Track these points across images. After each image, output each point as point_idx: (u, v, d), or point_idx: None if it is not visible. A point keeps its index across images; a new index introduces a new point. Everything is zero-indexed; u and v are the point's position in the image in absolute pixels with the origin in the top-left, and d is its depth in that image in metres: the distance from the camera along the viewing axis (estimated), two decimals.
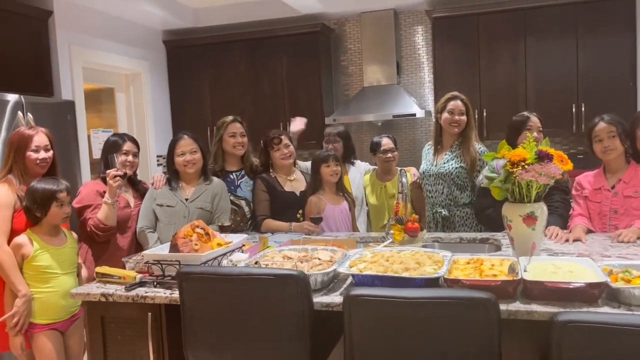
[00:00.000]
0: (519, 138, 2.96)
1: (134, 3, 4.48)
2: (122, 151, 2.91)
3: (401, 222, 2.44)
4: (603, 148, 2.73)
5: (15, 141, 2.57)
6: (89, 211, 2.79)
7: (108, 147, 2.95)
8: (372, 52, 5.11)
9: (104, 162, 2.91)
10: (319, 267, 2.06)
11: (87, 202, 2.81)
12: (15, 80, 3.71)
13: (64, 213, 2.46)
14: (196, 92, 5.43)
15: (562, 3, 4.36)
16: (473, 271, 1.93)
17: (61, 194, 2.43)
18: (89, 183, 2.98)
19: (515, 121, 3.06)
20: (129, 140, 2.98)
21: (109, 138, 3.03)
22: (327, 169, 3.20)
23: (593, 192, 2.81)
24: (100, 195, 2.79)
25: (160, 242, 2.90)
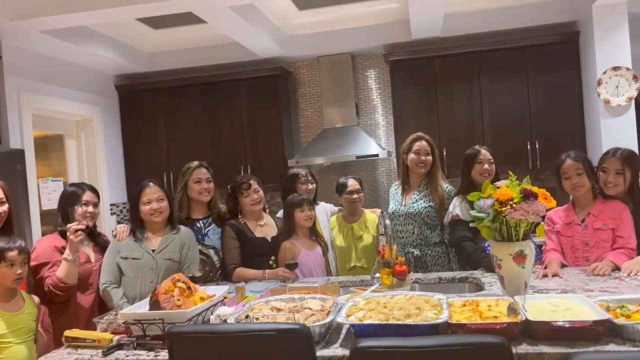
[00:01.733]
0: (472, 171, 3.10)
1: (85, 47, 4.34)
2: (82, 202, 2.73)
3: (389, 266, 2.39)
4: (572, 185, 2.82)
5: None
6: (46, 269, 2.59)
7: (66, 198, 2.78)
8: (331, 95, 5.16)
9: (61, 215, 2.73)
10: (313, 318, 1.97)
11: (44, 259, 2.61)
12: None
13: (14, 274, 2.21)
14: (151, 137, 5.27)
15: (512, 47, 4.59)
16: (472, 314, 1.90)
17: (11, 252, 2.20)
18: (44, 238, 2.76)
19: (467, 155, 3.19)
20: (88, 190, 2.81)
21: (67, 188, 2.87)
22: (302, 214, 3.14)
23: (565, 227, 2.88)
24: (59, 251, 2.61)
25: (126, 298, 2.72)
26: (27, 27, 3.61)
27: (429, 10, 3.93)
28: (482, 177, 3.06)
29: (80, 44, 4.26)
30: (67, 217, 2.63)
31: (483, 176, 3.06)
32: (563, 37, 4.56)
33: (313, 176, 3.71)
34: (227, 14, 3.65)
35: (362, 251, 3.41)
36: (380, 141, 5.25)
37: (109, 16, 3.61)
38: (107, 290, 2.72)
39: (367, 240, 3.43)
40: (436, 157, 3.30)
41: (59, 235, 2.70)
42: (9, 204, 2.45)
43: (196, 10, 3.54)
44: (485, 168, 3.07)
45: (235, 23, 3.91)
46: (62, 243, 2.62)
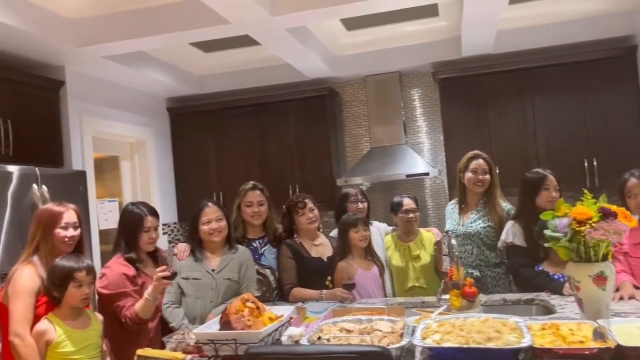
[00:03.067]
0: (538, 197, 2.93)
1: (141, 71, 4.47)
2: (145, 229, 2.69)
3: (458, 287, 2.33)
4: (637, 204, 2.72)
5: (45, 218, 2.42)
6: (120, 300, 2.56)
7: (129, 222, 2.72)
8: (377, 114, 5.16)
9: (125, 240, 2.71)
10: (386, 340, 1.93)
11: (115, 289, 2.57)
12: (28, 151, 3.61)
13: (82, 294, 2.26)
14: (201, 158, 5.36)
15: (565, 62, 4.49)
16: (555, 338, 1.82)
17: (79, 273, 2.25)
18: (112, 264, 2.67)
19: (531, 179, 3.01)
20: (149, 215, 2.74)
21: (128, 210, 2.77)
22: (357, 234, 3.11)
23: (632, 247, 2.77)
24: (129, 281, 2.59)
25: (187, 318, 2.74)
26: (90, 53, 3.75)
27: (482, 28, 3.91)
28: (549, 204, 2.87)
29: (137, 68, 4.39)
30: (132, 243, 2.67)
31: (550, 203, 2.86)
32: (619, 52, 4.43)
33: (364, 195, 3.69)
34: (283, 35, 3.70)
35: (420, 270, 3.35)
36: (429, 160, 5.19)
37: (168, 41, 3.71)
38: (169, 311, 2.74)
39: (425, 259, 3.37)
40: (494, 175, 3.23)
41: (125, 261, 2.66)
42: (80, 228, 2.51)
43: (253, 33, 3.61)
44: (553, 195, 2.91)
45: (289, 45, 3.97)
46: (132, 271, 2.62)
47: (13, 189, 3.28)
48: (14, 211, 3.26)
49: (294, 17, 3.34)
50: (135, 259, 2.66)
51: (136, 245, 2.69)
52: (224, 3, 2.97)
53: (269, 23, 3.37)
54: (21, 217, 3.24)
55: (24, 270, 2.33)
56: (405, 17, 4.58)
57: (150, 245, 2.74)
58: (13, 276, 2.33)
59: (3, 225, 3.20)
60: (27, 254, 2.40)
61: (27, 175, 3.37)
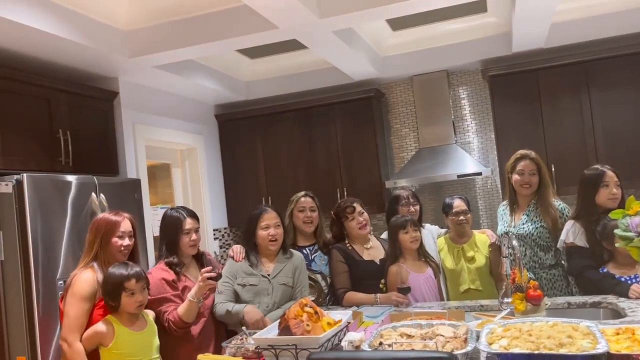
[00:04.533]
0: (597, 195, 2.81)
1: (190, 79, 4.55)
2: (184, 231, 2.68)
3: (521, 290, 2.25)
4: None
5: (102, 226, 2.46)
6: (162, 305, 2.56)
7: (169, 225, 2.72)
8: (425, 114, 5.07)
9: (166, 244, 2.70)
10: (449, 346, 1.88)
11: (155, 294, 2.54)
12: (85, 160, 3.72)
13: (136, 302, 2.29)
14: (249, 163, 5.41)
15: (624, 54, 4.29)
16: (631, 343, 1.73)
17: (129, 282, 2.26)
18: (153, 271, 2.66)
19: (589, 176, 2.89)
20: (188, 217, 2.73)
21: (168, 214, 2.77)
22: (406, 236, 3.05)
23: None
24: (169, 285, 2.59)
25: None
26: (142, 64, 3.84)
27: (535, 22, 3.77)
28: (609, 202, 2.78)
29: (186, 76, 4.47)
30: (173, 247, 2.66)
31: (612, 201, 2.78)
32: None
33: (417, 197, 3.60)
34: (330, 38, 3.69)
35: (476, 273, 3.26)
36: (480, 159, 5.06)
37: (217, 48, 3.76)
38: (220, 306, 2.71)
39: (480, 261, 3.28)
40: (544, 174, 3.10)
41: (165, 265, 2.66)
42: (135, 238, 2.54)
43: (301, 37, 3.61)
44: (613, 192, 2.78)
45: (336, 47, 3.95)
46: (172, 276, 2.62)
47: (72, 198, 3.38)
48: (73, 220, 3.36)
49: (341, 19, 3.31)
50: (175, 263, 2.65)
51: (177, 248, 2.68)
52: (273, 8, 2.98)
53: (317, 26, 3.36)
54: (81, 225, 3.34)
55: (82, 275, 2.38)
56: (452, 15, 4.49)
57: (192, 248, 2.72)
58: (72, 281, 2.38)
59: (64, 233, 3.30)
60: (85, 261, 2.44)
61: (86, 184, 3.47)
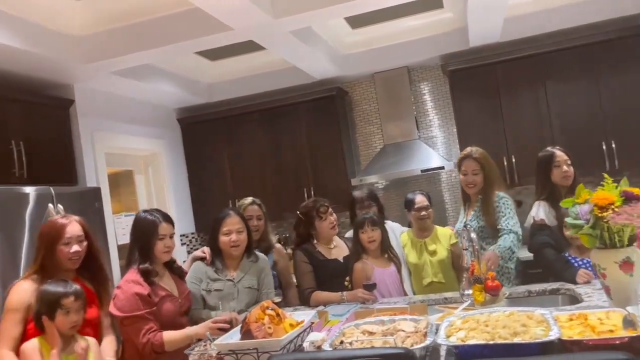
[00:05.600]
0: (552, 175, 2.97)
1: (150, 84, 4.49)
2: (159, 236, 2.50)
3: (480, 282, 2.29)
4: None
5: (46, 233, 2.31)
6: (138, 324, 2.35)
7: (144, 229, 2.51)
8: (388, 110, 5.11)
9: (139, 249, 2.51)
10: (409, 341, 1.89)
11: (129, 311, 2.35)
12: (42, 171, 3.63)
13: (70, 322, 2.15)
14: (215, 167, 5.36)
15: (577, 45, 4.39)
16: (583, 328, 1.77)
17: (66, 299, 2.14)
18: (124, 284, 2.43)
19: (541, 157, 3.05)
20: (164, 221, 2.54)
21: (141, 217, 2.56)
22: (364, 235, 3.08)
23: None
24: (143, 301, 2.38)
25: None
26: (98, 70, 3.77)
27: (488, 16, 3.84)
28: (564, 180, 2.93)
29: (145, 81, 4.41)
30: (147, 252, 2.48)
31: (565, 179, 2.93)
32: (630, 31, 4.32)
33: (373, 198, 3.65)
34: (287, 38, 3.68)
35: (438, 266, 3.31)
36: (443, 154, 5.13)
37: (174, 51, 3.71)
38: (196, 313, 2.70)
39: (442, 254, 3.32)
40: (489, 172, 3.08)
41: (138, 273, 2.45)
42: (89, 240, 2.39)
43: (257, 37, 3.60)
44: (565, 170, 2.94)
45: (294, 47, 3.95)
46: (145, 289, 2.40)
47: (30, 210, 3.30)
48: (32, 232, 3.27)
49: (297, 19, 3.31)
50: (150, 270, 2.46)
51: (151, 255, 2.50)
52: (226, 10, 2.95)
53: (272, 27, 3.35)
54: None
55: (17, 286, 2.26)
56: (410, 11, 4.53)
57: (166, 255, 2.55)
58: (7, 292, 2.27)
59: (23, 246, 3.22)
60: (29, 272, 2.32)
61: (43, 195, 3.39)
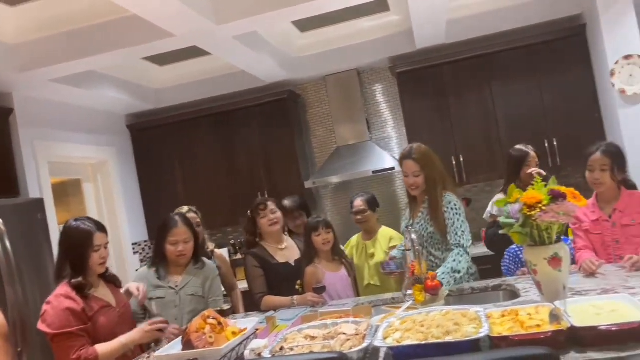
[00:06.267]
0: (521, 173, 3.12)
1: (95, 91, 4.39)
2: (95, 247, 2.33)
3: (420, 282, 2.33)
4: (593, 179, 2.74)
5: None
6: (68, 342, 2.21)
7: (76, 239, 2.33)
8: (340, 112, 5.14)
9: (72, 261, 2.33)
10: (349, 344, 1.91)
11: (59, 328, 2.21)
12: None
13: None
14: (167, 173, 5.29)
15: (519, 46, 4.53)
16: (513, 324, 1.83)
17: None
18: (54, 299, 2.27)
19: (515, 156, 3.21)
20: (98, 231, 2.37)
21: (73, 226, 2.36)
22: (318, 238, 3.11)
23: (592, 224, 2.79)
24: (76, 317, 2.23)
25: None
26: (36, 78, 3.66)
27: (430, 18, 3.91)
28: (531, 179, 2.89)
29: (90, 88, 4.31)
30: (81, 265, 2.32)
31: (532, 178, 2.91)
32: (570, 32, 4.49)
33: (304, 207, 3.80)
34: (232, 43, 3.66)
35: (374, 268, 3.37)
36: (395, 154, 5.20)
37: (115, 58, 3.65)
38: None
39: (379, 256, 3.37)
40: (430, 172, 2.81)
41: (70, 288, 2.29)
42: None
43: (201, 44, 3.56)
44: (536, 171, 3.02)
45: (240, 52, 3.93)
46: (79, 304, 2.26)
47: None
48: None
49: (240, 25, 3.29)
50: (85, 284, 2.30)
51: (85, 267, 2.32)
52: (165, 17, 2.92)
53: (215, 32, 3.33)
54: None
55: None
56: (357, 14, 4.58)
57: (102, 267, 2.40)
58: None
59: None
60: None
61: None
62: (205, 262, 2.96)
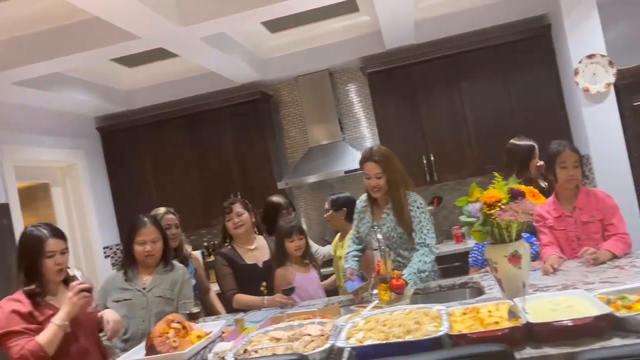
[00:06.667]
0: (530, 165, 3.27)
1: (61, 93, 4.32)
2: (47, 253, 2.26)
3: (385, 281, 2.35)
4: (568, 176, 2.77)
5: None
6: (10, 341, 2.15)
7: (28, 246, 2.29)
8: (313, 113, 5.15)
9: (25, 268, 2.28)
10: (313, 345, 1.93)
11: (4, 327, 2.17)
12: None
13: None
14: (138, 175, 5.23)
15: (486, 46, 4.59)
16: (473, 322, 1.86)
17: None
18: (3, 303, 2.25)
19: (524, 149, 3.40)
20: (51, 237, 2.29)
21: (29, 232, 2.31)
22: (292, 244, 3.14)
23: (556, 221, 2.86)
24: (21, 317, 2.19)
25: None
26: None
27: (397, 19, 3.94)
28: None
29: (56, 91, 4.23)
30: (33, 273, 2.26)
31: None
32: (535, 32, 4.56)
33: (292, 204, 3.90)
34: (199, 45, 3.64)
35: (341, 269, 3.36)
36: None
37: (80, 60, 3.58)
38: None
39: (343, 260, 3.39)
40: (392, 174, 2.78)
41: (23, 295, 2.25)
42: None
43: (167, 45, 3.53)
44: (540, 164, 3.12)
45: (208, 53, 3.91)
46: (26, 307, 2.22)
47: None
48: None
49: (206, 26, 3.27)
50: (38, 292, 2.25)
51: (38, 274, 2.26)
52: (127, 18, 2.88)
53: (181, 34, 3.30)
54: None
55: None
56: (327, 15, 4.59)
57: (58, 274, 2.31)
58: None
59: None
60: None
61: None
62: (175, 265, 2.95)
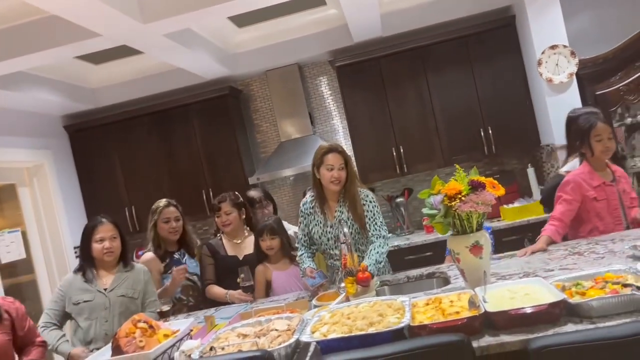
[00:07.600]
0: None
1: (25, 93, 4.22)
2: None
3: (351, 274, 2.38)
4: (604, 148, 2.82)
5: None
6: None
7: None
8: (283, 107, 5.14)
9: None
10: (279, 340, 1.95)
11: None
12: None
13: None
14: (107, 174, 5.17)
15: (452, 38, 4.64)
16: (435, 312, 1.90)
17: None
18: None
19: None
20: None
21: None
22: (263, 243, 3.16)
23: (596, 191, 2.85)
24: None
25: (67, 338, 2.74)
26: None
27: (363, 12, 3.95)
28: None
29: (21, 90, 4.15)
30: None
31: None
32: (500, 23, 4.62)
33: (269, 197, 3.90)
34: (163, 42, 3.60)
35: None
36: None
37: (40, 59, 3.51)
38: (46, 333, 2.70)
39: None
40: (351, 167, 2.85)
41: None
42: None
43: (130, 43, 3.48)
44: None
45: (173, 50, 3.86)
46: None
47: None
48: None
49: (169, 23, 3.23)
50: None
51: None
52: (85, 16, 2.83)
53: (143, 32, 3.26)
54: None
55: None
56: (294, 9, 4.58)
57: None
58: None
59: None
60: None
61: None
62: (135, 265, 2.97)
